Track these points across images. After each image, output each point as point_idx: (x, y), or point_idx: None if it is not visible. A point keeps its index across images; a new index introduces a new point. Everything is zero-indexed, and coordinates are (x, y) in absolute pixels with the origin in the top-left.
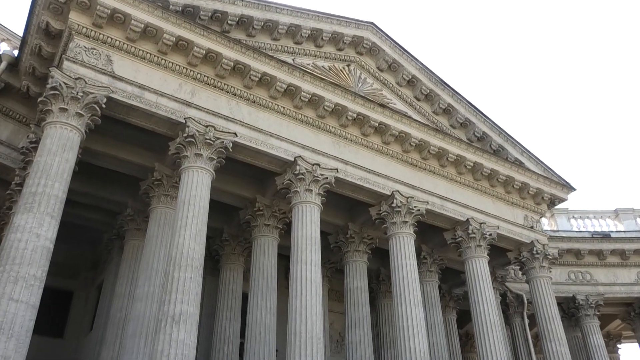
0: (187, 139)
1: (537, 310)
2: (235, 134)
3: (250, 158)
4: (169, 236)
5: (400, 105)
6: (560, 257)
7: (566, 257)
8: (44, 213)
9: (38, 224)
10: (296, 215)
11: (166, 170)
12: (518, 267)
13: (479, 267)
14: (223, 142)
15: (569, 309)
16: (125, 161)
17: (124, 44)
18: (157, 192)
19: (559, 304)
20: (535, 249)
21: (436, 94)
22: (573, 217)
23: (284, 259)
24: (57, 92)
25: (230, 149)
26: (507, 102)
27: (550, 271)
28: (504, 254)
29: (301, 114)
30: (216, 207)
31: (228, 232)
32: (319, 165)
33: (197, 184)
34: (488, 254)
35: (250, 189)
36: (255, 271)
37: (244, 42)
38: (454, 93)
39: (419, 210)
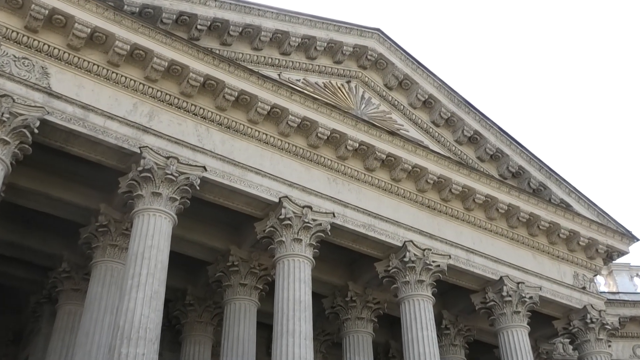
0: (142, 174)
1: None
2: (204, 167)
3: (223, 199)
4: (116, 299)
5: (413, 132)
6: (622, 327)
7: (630, 327)
8: None
9: None
10: (281, 272)
11: (114, 213)
12: (568, 340)
13: (517, 340)
14: (188, 178)
15: None
16: (62, 201)
17: (64, 52)
18: (101, 241)
19: None
20: (589, 316)
21: (459, 119)
22: (637, 274)
23: (265, 329)
24: None
25: (198, 187)
26: (523, 115)
27: (609, 345)
28: (548, 322)
29: (289, 143)
30: (178, 262)
31: (193, 294)
32: (310, 208)
33: (154, 232)
34: (528, 323)
35: (223, 239)
36: (227, 345)
37: (217, 52)
38: (482, 117)
39: (438, 266)
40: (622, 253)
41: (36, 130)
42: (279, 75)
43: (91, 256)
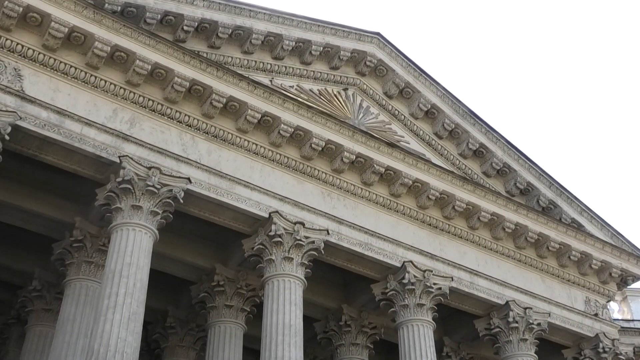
0: (121, 185)
1: None
2: (188, 179)
3: (209, 213)
4: (91, 321)
5: (415, 145)
6: (638, 357)
7: None
8: None
9: None
10: (270, 293)
11: (90, 227)
12: None
13: None
14: (171, 190)
15: None
16: (33, 214)
17: (39, 53)
18: (76, 258)
19: None
20: (601, 345)
21: (464, 130)
22: None
23: (252, 354)
24: None
25: (182, 200)
26: (526, 124)
27: None
28: (557, 351)
29: (280, 154)
30: (159, 281)
31: (175, 315)
32: (302, 224)
33: (133, 248)
34: (536, 352)
35: (208, 256)
36: None
37: (205, 55)
38: (488, 129)
39: (440, 288)
40: (637, 277)
41: (7, 137)
42: (270, 81)
43: (64, 274)
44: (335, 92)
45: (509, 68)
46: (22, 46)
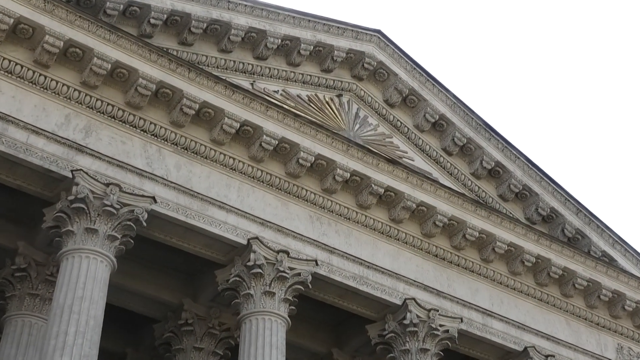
0: (73, 205)
1: None
2: (153, 198)
3: (177, 238)
4: None
5: (420, 162)
6: None
7: None
8: None
9: None
10: (247, 334)
11: (36, 254)
12: None
13: None
14: (133, 211)
15: None
16: None
17: None
18: (18, 290)
19: None
20: None
21: (477, 146)
22: None
23: None
24: None
25: (145, 223)
26: (534, 132)
27: None
28: None
29: (262, 171)
30: (117, 318)
31: (134, 359)
32: (287, 253)
33: (86, 279)
34: None
35: (174, 290)
36: None
37: (175, 53)
38: (506, 145)
39: (447, 331)
40: None
41: None
42: (252, 84)
43: (4, 308)
44: (327, 99)
45: (510, 70)
46: None
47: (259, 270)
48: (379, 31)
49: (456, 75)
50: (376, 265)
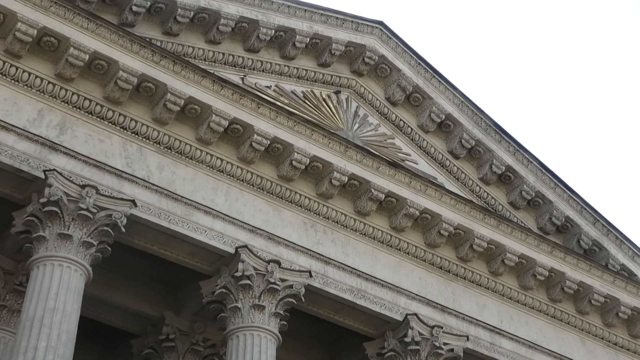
0: (46, 208)
1: None
2: (133, 201)
3: (159, 246)
4: None
5: (424, 165)
6: None
7: None
8: None
9: None
10: (234, 351)
11: (4, 262)
12: None
13: None
14: (111, 215)
15: None
16: None
17: None
18: None
19: None
20: None
21: (487, 149)
22: None
23: None
24: None
25: (124, 229)
26: (543, 132)
27: None
28: None
29: (252, 173)
30: (92, 332)
31: None
32: (278, 263)
33: (58, 290)
34: None
35: (155, 302)
36: None
37: (159, 44)
38: (518, 149)
39: (451, 350)
40: None
41: None
42: (242, 79)
43: None
44: (324, 96)
45: (521, 68)
46: None
47: (248, 282)
48: (381, 22)
49: (464, 72)
50: (375, 278)
